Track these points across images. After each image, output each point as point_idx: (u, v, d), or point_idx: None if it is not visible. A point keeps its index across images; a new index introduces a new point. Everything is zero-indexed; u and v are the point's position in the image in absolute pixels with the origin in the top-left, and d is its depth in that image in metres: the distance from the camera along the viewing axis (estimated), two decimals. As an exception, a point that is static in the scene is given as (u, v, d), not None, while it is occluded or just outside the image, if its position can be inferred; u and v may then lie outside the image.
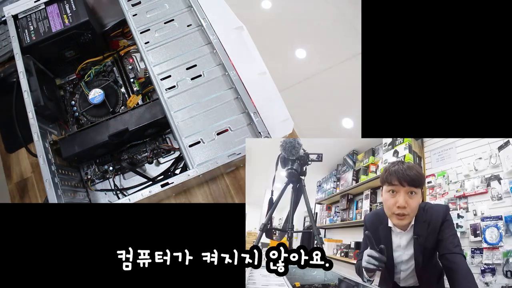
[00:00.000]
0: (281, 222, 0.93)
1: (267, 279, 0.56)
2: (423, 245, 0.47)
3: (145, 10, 0.61)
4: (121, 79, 0.67)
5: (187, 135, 0.52)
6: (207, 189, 0.58)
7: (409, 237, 0.49)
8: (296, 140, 0.73)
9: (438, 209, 0.49)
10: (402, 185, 0.46)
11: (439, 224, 0.47)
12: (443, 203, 0.62)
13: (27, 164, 0.64)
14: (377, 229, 0.51)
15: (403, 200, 0.46)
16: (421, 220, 0.48)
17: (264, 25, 1.61)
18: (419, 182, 0.46)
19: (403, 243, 0.49)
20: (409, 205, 0.46)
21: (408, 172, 0.46)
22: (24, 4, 0.61)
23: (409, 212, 0.47)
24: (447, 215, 0.48)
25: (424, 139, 0.77)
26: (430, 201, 0.65)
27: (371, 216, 0.55)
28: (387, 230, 0.50)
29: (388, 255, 0.50)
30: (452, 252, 0.45)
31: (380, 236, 0.51)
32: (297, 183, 0.77)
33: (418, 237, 0.47)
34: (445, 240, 0.46)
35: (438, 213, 0.48)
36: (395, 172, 0.47)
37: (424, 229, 0.47)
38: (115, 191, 0.60)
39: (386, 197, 0.48)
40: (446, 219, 0.47)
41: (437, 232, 0.47)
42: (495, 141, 0.57)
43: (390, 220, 0.49)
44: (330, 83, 1.49)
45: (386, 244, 0.50)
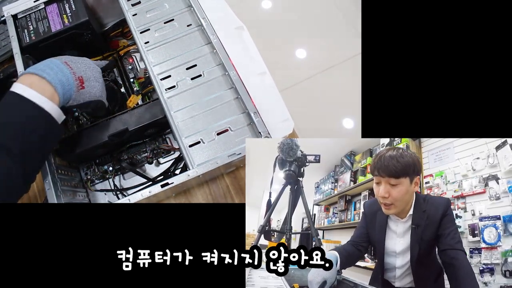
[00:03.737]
0: (279, 224, 0.94)
1: (266, 281, 0.56)
2: (421, 235, 0.46)
3: (145, 10, 0.61)
4: (121, 79, 0.67)
5: (187, 135, 0.52)
6: (207, 189, 0.58)
7: (406, 227, 0.48)
8: (293, 141, 0.73)
9: (438, 201, 0.48)
10: (381, 176, 0.46)
11: (439, 216, 0.46)
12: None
13: (26, 164, 0.63)
14: (375, 215, 0.51)
15: (383, 190, 0.46)
16: (420, 210, 0.47)
17: (264, 25, 1.61)
18: (399, 173, 0.44)
19: (399, 230, 0.49)
20: (391, 195, 0.45)
21: (387, 162, 0.45)
22: (24, 4, 0.61)
23: (393, 202, 0.46)
24: (448, 209, 0.47)
25: (422, 139, 0.77)
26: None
27: (370, 202, 0.56)
28: (383, 216, 0.50)
29: (380, 243, 0.50)
30: (454, 248, 0.44)
31: (376, 222, 0.51)
32: (295, 185, 0.77)
33: (416, 227, 0.47)
34: (446, 235, 0.45)
35: (439, 205, 0.47)
36: (376, 163, 0.47)
37: (422, 219, 0.47)
38: (115, 191, 0.60)
39: (374, 187, 0.48)
40: (447, 213, 0.46)
41: (437, 225, 0.46)
42: (493, 141, 0.58)
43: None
44: (330, 83, 1.49)
45: (380, 230, 0.50)
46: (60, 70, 0.45)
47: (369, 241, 0.53)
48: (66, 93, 0.45)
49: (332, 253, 0.48)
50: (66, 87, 0.45)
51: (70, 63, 0.47)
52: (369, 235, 0.53)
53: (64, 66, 0.46)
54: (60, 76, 0.45)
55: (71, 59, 0.48)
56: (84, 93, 0.48)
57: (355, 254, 0.52)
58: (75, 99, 0.48)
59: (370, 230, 0.53)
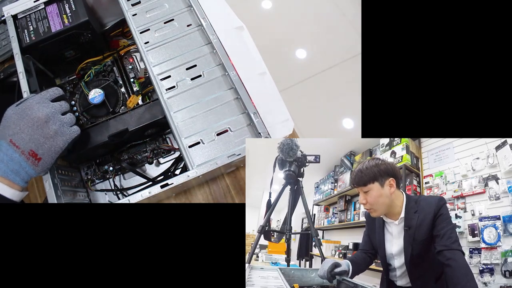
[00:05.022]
0: (279, 224, 0.94)
1: (266, 281, 0.56)
2: (413, 236, 0.47)
3: (145, 10, 0.61)
4: (121, 79, 0.67)
5: (187, 135, 0.52)
6: (207, 189, 0.59)
7: (399, 228, 0.50)
8: (293, 141, 0.73)
9: (429, 201, 0.48)
10: (356, 187, 0.50)
11: (431, 216, 0.47)
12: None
13: (26, 164, 0.63)
14: (374, 220, 0.54)
15: (361, 197, 0.50)
16: (412, 211, 0.48)
17: (264, 25, 1.61)
18: (364, 181, 0.48)
19: (394, 232, 0.51)
20: (368, 201, 0.49)
21: (354, 175, 0.50)
22: (24, 4, 0.61)
23: (371, 206, 0.49)
24: (440, 208, 0.47)
25: (422, 139, 0.77)
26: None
27: None
28: (381, 220, 0.52)
29: (380, 246, 0.52)
30: (450, 249, 0.44)
31: (376, 226, 0.53)
32: (294, 185, 0.77)
33: (408, 228, 0.48)
34: (441, 236, 0.45)
35: (430, 204, 0.48)
36: (351, 178, 0.51)
37: (414, 220, 0.48)
38: (115, 191, 0.60)
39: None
40: (440, 213, 0.47)
41: (430, 226, 0.46)
42: (493, 141, 0.58)
43: None
44: (330, 83, 1.49)
45: (379, 234, 0.53)
46: (10, 158, 0.45)
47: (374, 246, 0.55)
48: (24, 176, 0.46)
49: (345, 261, 0.53)
50: (22, 172, 0.45)
51: (16, 141, 0.45)
52: (371, 240, 0.55)
53: (11, 148, 0.45)
54: (11, 166, 0.45)
55: (15, 132, 0.45)
56: (45, 162, 0.47)
57: (366, 261, 0.55)
58: (40, 170, 0.47)
59: (371, 235, 0.55)
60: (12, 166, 0.45)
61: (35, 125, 0.46)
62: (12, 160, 0.45)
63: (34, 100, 0.47)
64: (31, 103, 0.47)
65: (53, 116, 0.47)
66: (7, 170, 0.45)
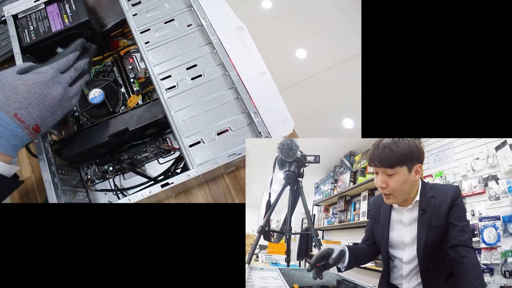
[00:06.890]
0: (279, 224, 0.94)
1: (266, 281, 0.56)
2: (429, 221, 0.44)
3: (145, 10, 0.61)
4: (121, 79, 0.67)
5: (187, 135, 0.52)
6: (207, 189, 0.59)
7: (413, 215, 0.46)
8: (293, 142, 0.73)
9: (447, 188, 0.46)
10: (376, 166, 0.44)
11: (449, 202, 0.44)
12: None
13: (26, 164, 0.64)
14: (379, 210, 0.50)
15: (380, 180, 0.45)
16: (428, 196, 0.45)
17: (264, 25, 1.61)
18: (393, 163, 0.42)
19: (405, 219, 0.47)
20: (388, 185, 0.44)
21: (381, 152, 0.43)
22: (24, 4, 0.61)
23: (391, 192, 0.45)
24: (457, 197, 0.44)
25: (422, 139, 0.77)
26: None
27: (375, 198, 0.54)
28: (386, 210, 0.49)
29: (383, 237, 0.48)
30: (466, 245, 0.42)
31: (380, 217, 0.50)
32: (294, 185, 0.78)
33: (424, 212, 0.44)
34: (457, 227, 0.42)
35: (447, 191, 0.45)
36: (372, 153, 0.45)
37: (430, 205, 0.44)
38: (115, 191, 0.60)
39: (374, 176, 0.47)
40: (457, 203, 0.44)
41: (446, 213, 0.43)
42: (492, 141, 0.58)
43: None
44: (330, 83, 1.49)
45: (383, 222, 0.49)
46: (12, 133, 0.42)
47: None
48: (19, 147, 0.45)
49: (339, 246, 0.48)
50: (20, 146, 0.44)
51: (22, 115, 0.42)
52: (373, 232, 0.51)
53: (14, 123, 0.42)
54: (12, 141, 0.43)
55: (24, 106, 0.42)
56: (42, 132, 0.46)
57: (367, 252, 0.51)
58: (35, 139, 0.47)
59: (374, 226, 0.51)
60: (13, 141, 0.43)
61: (47, 102, 0.44)
62: (15, 135, 0.43)
63: (48, 74, 0.45)
64: (45, 78, 0.44)
65: (65, 93, 0.46)
66: (7, 146, 0.42)
